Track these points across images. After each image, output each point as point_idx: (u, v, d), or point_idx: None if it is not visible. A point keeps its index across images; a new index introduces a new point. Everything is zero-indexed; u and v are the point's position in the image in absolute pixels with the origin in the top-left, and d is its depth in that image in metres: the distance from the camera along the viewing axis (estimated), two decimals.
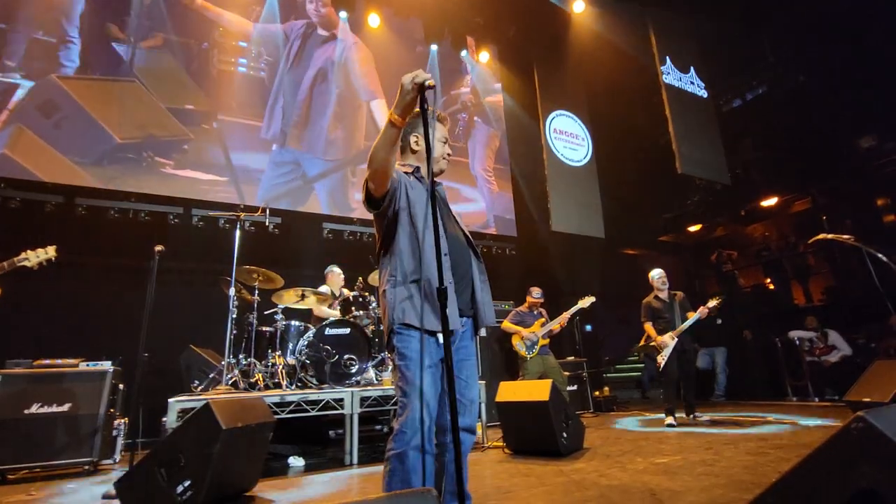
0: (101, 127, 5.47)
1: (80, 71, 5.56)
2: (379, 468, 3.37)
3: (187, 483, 2.33)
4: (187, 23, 6.36)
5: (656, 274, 5.24)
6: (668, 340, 4.81)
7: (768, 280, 9.07)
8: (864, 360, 5.64)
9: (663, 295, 5.12)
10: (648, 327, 5.03)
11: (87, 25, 5.71)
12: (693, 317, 4.86)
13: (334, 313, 4.59)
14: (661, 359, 4.80)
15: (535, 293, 5.47)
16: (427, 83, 1.43)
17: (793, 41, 7.88)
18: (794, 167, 7.76)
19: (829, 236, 3.92)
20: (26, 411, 3.52)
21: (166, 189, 5.71)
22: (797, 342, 6.63)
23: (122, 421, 4.08)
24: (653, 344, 4.92)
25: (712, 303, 4.87)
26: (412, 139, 1.88)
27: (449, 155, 1.88)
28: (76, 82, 5.49)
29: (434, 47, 8.30)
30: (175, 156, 5.85)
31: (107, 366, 3.92)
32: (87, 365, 3.89)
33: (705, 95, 8.08)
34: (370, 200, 1.69)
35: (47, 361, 3.75)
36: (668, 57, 7.65)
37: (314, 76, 7.06)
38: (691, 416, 4.89)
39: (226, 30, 6.62)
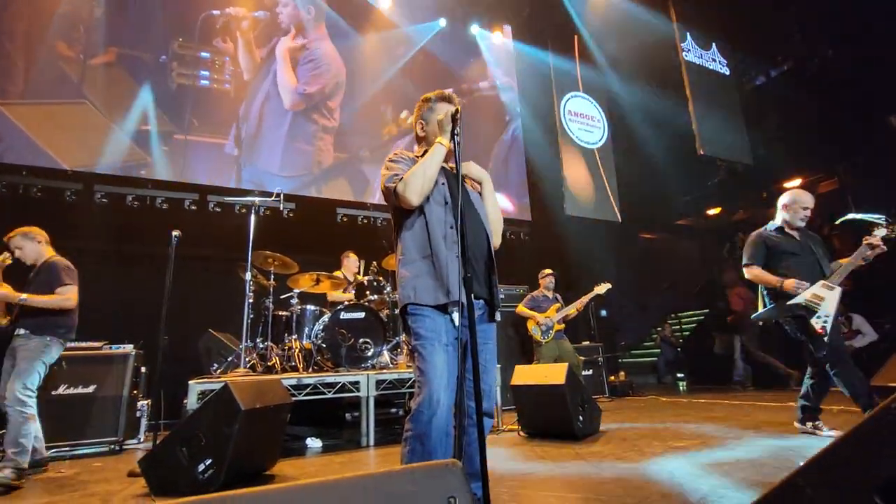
0: (50, 156, 5.02)
1: (24, 95, 5.04)
2: (395, 449, 3.41)
3: (208, 462, 2.38)
4: (143, 34, 5.80)
5: (800, 197, 3.26)
6: (824, 290, 2.90)
7: None
8: (890, 344, 5.48)
9: (795, 232, 3.22)
10: (760, 273, 3.11)
11: (30, 44, 5.19)
12: (862, 248, 2.99)
13: (348, 297, 4.62)
14: (822, 323, 2.87)
15: (545, 274, 5.46)
16: (457, 110, 1.67)
17: (820, 14, 7.53)
18: (819, 146, 7.49)
19: (859, 217, 3.77)
20: (54, 392, 3.64)
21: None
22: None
23: (146, 402, 4.19)
24: (805, 301, 2.90)
25: (881, 231, 3.02)
26: (419, 126, 1.91)
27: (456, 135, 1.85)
28: (19, 108, 4.97)
29: (442, 22, 8.09)
30: (133, 181, 5.50)
31: (129, 349, 4.01)
32: (111, 348, 3.99)
33: (727, 73, 7.82)
34: (396, 201, 1.72)
35: (72, 344, 3.84)
36: (688, 33, 7.40)
37: (269, 86, 6.46)
38: (811, 423, 3.11)
39: (186, 39, 6.07)
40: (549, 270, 5.49)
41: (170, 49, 5.99)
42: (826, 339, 2.86)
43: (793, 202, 3.26)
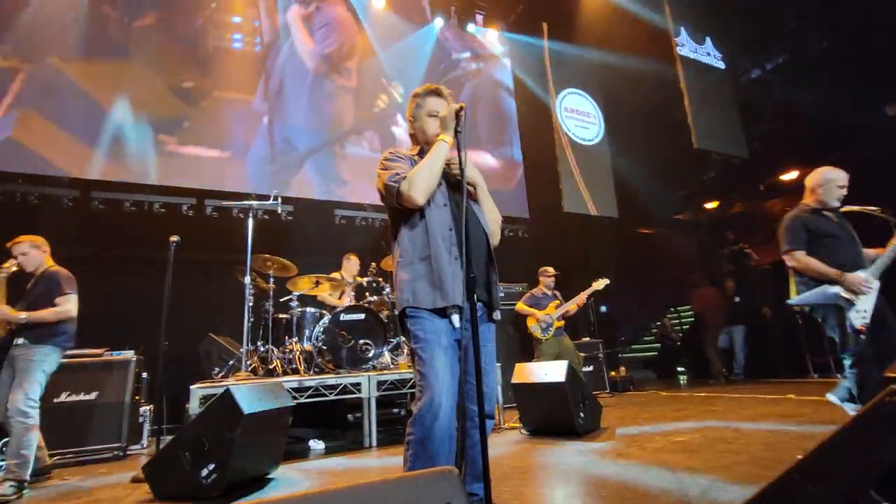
0: (103, 107, 5.52)
1: (77, 52, 5.54)
2: (398, 450, 3.42)
3: (211, 466, 2.39)
4: (178, 0, 6.33)
5: (833, 174, 2.99)
6: (861, 282, 2.64)
7: None
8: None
9: (830, 214, 2.95)
10: (809, 261, 2.78)
11: (81, 6, 5.67)
12: None
13: (338, 303, 4.63)
14: (862, 319, 2.64)
15: (549, 274, 5.45)
16: (461, 108, 1.65)
17: (814, 5, 7.54)
18: (815, 138, 7.49)
19: (855, 208, 3.77)
20: (56, 400, 3.65)
21: (170, 168, 5.74)
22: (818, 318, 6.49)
23: (148, 408, 4.20)
24: (841, 291, 2.66)
25: None
26: (409, 124, 1.90)
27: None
28: (74, 64, 5.47)
29: (439, 22, 8.08)
30: (177, 133, 5.88)
31: (130, 355, 4.02)
32: (111, 354, 4.00)
33: (722, 67, 7.83)
34: (397, 201, 1.68)
35: (73, 352, 3.85)
36: (682, 28, 7.40)
37: (289, 49, 6.96)
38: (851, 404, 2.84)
39: (219, 5, 6.55)
40: (552, 270, 5.48)
41: (203, 14, 6.44)
42: (863, 336, 2.63)
43: (827, 181, 2.96)
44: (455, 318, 1.58)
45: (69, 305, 3.12)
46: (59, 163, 5.21)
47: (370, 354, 4.05)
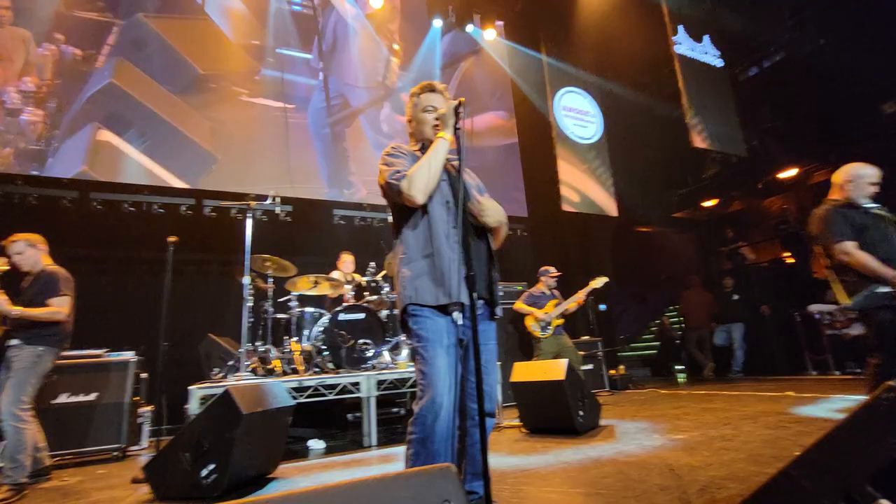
0: (185, 60, 6.16)
1: (161, 10, 6.23)
2: (398, 449, 3.43)
3: (211, 467, 2.39)
4: None
5: (864, 170, 2.74)
6: None
7: (787, 254, 8.89)
8: None
9: (867, 204, 2.72)
10: (856, 251, 2.53)
11: None
12: None
13: (343, 290, 4.63)
14: None
15: (552, 274, 5.45)
16: (460, 103, 1.66)
17: (814, 2, 7.55)
18: (813, 136, 7.51)
19: None
20: (54, 401, 3.65)
21: (244, 115, 6.35)
22: (817, 316, 6.52)
23: (148, 408, 4.20)
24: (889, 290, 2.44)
25: None
26: (407, 123, 1.91)
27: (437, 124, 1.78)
28: (159, 20, 6.14)
29: (438, 23, 8.09)
30: (248, 86, 6.53)
31: (129, 355, 4.02)
32: (111, 355, 3.99)
33: (720, 65, 7.83)
34: (399, 199, 1.68)
35: (72, 353, 3.85)
36: (680, 26, 7.40)
37: (337, 11, 7.44)
38: None
39: None
40: (554, 271, 5.48)
41: None
42: None
43: (857, 177, 2.72)
44: (457, 315, 1.58)
45: (63, 307, 3.06)
46: (151, 104, 5.78)
47: (369, 354, 4.05)
